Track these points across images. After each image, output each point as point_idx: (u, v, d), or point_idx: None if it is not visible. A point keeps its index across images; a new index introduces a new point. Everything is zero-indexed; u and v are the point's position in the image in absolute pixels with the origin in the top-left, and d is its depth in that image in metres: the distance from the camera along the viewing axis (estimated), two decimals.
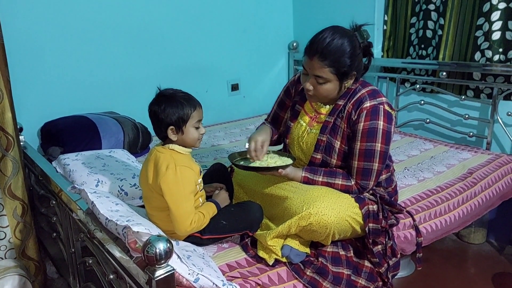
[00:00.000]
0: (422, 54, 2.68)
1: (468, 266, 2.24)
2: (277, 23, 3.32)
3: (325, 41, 1.43)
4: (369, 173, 1.50)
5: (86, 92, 2.59)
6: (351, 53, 1.45)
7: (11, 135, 1.77)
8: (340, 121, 1.54)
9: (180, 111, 1.34)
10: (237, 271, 1.36)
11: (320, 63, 1.44)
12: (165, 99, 1.35)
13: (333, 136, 1.55)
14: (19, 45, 2.30)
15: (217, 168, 1.72)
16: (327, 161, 1.57)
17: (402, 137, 2.66)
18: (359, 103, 1.50)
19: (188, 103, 1.36)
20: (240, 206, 1.54)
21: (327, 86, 1.49)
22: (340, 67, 1.45)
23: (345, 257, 1.49)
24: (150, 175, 1.37)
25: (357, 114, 1.49)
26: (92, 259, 1.45)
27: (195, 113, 1.37)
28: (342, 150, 1.55)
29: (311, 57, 1.46)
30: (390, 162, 1.66)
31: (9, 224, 1.85)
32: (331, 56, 1.43)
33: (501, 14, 2.26)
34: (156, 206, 1.40)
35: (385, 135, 1.48)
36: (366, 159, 1.49)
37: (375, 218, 1.49)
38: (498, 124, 2.36)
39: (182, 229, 1.34)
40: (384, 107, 1.48)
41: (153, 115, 1.36)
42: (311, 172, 1.55)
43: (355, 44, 1.46)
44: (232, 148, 2.54)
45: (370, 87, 1.55)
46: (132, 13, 2.67)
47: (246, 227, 1.49)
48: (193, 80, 3.00)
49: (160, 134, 1.39)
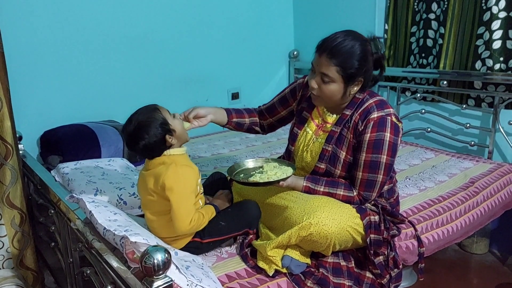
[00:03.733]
0: (423, 63, 2.68)
1: (470, 276, 2.22)
2: (278, 31, 3.33)
3: (336, 40, 1.43)
4: (373, 185, 1.49)
5: (85, 100, 2.59)
6: (361, 57, 1.44)
7: (10, 143, 1.76)
8: (347, 131, 1.52)
9: (156, 122, 1.35)
10: (236, 282, 1.35)
11: (328, 61, 1.43)
12: (138, 130, 1.34)
13: (338, 146, 1.54)
14: (19, 54, 2.30)
15: (217, 178, 1.72)
16: (331, 171, 1.56)
17: (403, 146, 2.65)
18: (366, 113, 1.49)
19: (151, 112, 1.37)
20: (236, 205, 1.55)
21: (331, 87, 1.47)
22: (347, 68, 1.43)
23: (346, 268, 1.47)
24: (149, 180, 1.37)
25: (364, 125, 1.48)
26: (90, 269, 1.44)
27: (162, 111, 1.38)
28: (347, 161, 1.53)
29: (320, 54, 1.45)
30: (392, 173, 1.65)
31: (7, 233, 1.84)
32: (340, 56, 1.42)
33: (502, 23, 2.26)
34: (157, 211, 1.39)
35: (391, 147, 1.46)
36: (371, 170, 1.47)
37: (376, 229, 1.47)
38: (499, 133, 2.35)
39: (182, 227, 1.33)
40: (392, 119, 1.47)
41: (145, 148, 1.36)
42: (313, 181, 1.53)
43: (366, 49, 1.46)
44: (232, 157, 2.53)
45: (378, 98, 1.53)
46: (132, 22, 2.69)
47: (245, 226, 1.49)
48: (193, 89, 3.00)
49: (161, 151, 1.39)
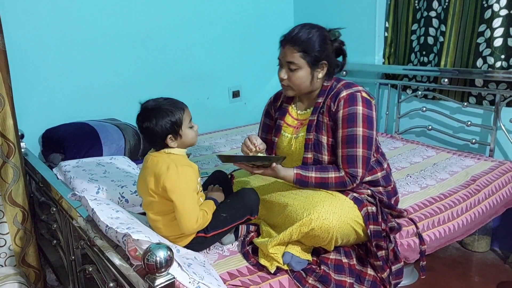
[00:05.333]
0: (424, 61, 2.68)
1: (472, 274, 2.22)
2: (278, 30, 3.29)
3: (295, 31, 1.56)
4: (354, 160, 1.50)
5: (87, 99, 2.59)
6: (320, 39, 1.54)
7: (12, 141, 1.77)
8: (322, 117, 1.58)
9: (172, 118, 1.35)
10: (238, 280, 1.35)
11: (291, 49, 1.53)
12: (152, 112, 1.35)
13: (319, 132, 1.57)
14: (21, 52, 2.31)
15: (218, 176, 1.71)
16: (319, 158, 1.58)
17: (404, 144, 2.65)
18: (337, 95, 1.56)
19: (176, 107, 1.37)
20: (235, 194, 1.56)
21: (299, 73, 1.54)
22: (309, 51, 1.52)
23: (347, 265, 1.47)
24: (150, 180, 1.37)
25: (336, 104, 1.54)
26: (92, 266, 1.44)
27: (185, 115, 1.38)
28: (330, 144, 1.57)
29: (284, 46, 1.57)
30: (383, 160, 1.66)
31: (9, 231, 1.85)
32: (301, 42, 1.53)
33: (503, 21, 2.25)
34: (159, 211, 1.39)
35: (366, 119, 1.50)
36: (349, 145, 1.50)
37: (375, 220, 1.49)
38: (501, 130, 2.35)
39: (189, 227, 1.34)
40: (362, 94, 1.53)
41: (146, 131, 1.36)
42: (303, 169, 1.55)
43: (324, 34, 1.56)
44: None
45: (345, 81, 1.61)
46: (134, 21, 2.69)
47: (246, 213, 1.50)
48: (194, 87, 3.00)
49: (158, 145, 1.39)
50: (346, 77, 3.06)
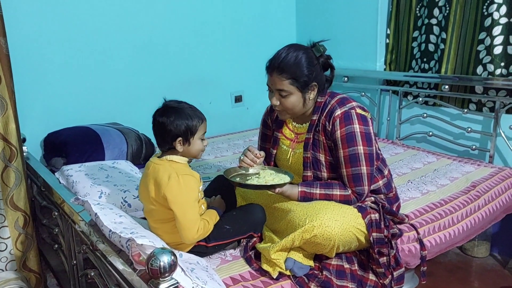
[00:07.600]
0: (425, 68, 2.70)
1: (472, 280, 2.22)
2: (280, 35, 3.34)
3: (280, 57, 1.52)
4: (360, 178, 1.51)
5: (89, 103, 2.60)
6: (307, 63, 1.51)
7: (15, 145, 1.77)
8: (318, 135, 1.58)
9: (190, 122, 1.36)
10: (241, 285, 1.35)
11: (279, 77, 1.51)
12: (173, 110, 1.36)
13: (316, 150, 1.58)
14: (24, 56, 2.32)
15: (220, 180, 1.71)
16: (319, 176, 1.59)
17: (405, 150, 2.66)
18: (331, 113, 1.54)
19: (196, 115, 1.38)
20: (242, 209, 1.55)
21: (291, 99, 1.54)
22: (298, 77, 1.50)
23: (349, 270, 1.48)
24: (151, 189, 1.37)
25: (331, 124, 1.53)
26: (94, 271, 1.44)
27: (202, 126, 1.39)
28: (328, 162, 1.57)
29: (271, 73, 1.54)
30: (383, 166, 1.67)
31: (10, 235, 1.84)
32: (288, 69, 1.50)
33: (503, 29, 2.27)
34: (160, 219, 1.39)
35: (365, 137, 1.50)
36: (352, 164, 1.51)
37: (378, 227, 1.49)
38: (500, 137, 2.36)
39: (189, 237, 1.34)
40: (356, 111, 1.52)
41: (159, 126, 1.36)
42: (307, 185, 1.55)
43: (310, 55, 1.53)
44: (235, 160, 2.53)
45: (339, 96, 1.59)
46: (136, 25, 2.70)
47: (250, 229, 1.50)
48: (196, 92, 3.01)
49: (165, 145, 1.39)
50: (348, 83, 3.08)
